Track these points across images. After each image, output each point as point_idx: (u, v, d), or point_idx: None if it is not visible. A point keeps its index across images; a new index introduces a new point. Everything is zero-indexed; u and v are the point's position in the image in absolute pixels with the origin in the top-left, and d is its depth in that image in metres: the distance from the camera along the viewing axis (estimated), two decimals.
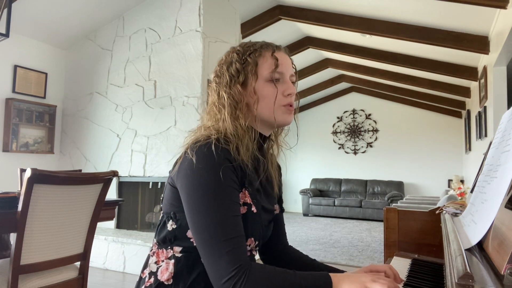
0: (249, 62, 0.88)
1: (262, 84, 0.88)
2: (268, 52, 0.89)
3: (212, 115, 0.91)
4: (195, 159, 0.77)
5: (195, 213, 0.76)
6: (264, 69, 0.88)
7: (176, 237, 0.83)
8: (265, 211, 0.92)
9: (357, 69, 6.25)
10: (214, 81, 0.93)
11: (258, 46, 0.90)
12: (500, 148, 0.79)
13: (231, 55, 0.91)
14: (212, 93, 0.93)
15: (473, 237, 0.70)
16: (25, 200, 1.44)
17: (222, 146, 0.79)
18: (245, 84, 0.88)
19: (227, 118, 0.86)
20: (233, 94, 0.87)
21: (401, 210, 1.75)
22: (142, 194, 4.18)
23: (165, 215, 0.86)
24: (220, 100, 0.89)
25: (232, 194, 0.78)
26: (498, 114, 3.50)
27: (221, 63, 0.93)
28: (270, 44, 0.92)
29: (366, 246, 4.68)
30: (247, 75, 0.88)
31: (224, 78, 0.89)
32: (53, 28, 4.12)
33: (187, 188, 0.78)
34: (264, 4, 4.49)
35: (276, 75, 0.88)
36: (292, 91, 0.89)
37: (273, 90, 0.88)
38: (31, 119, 4.16)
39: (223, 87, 0.89)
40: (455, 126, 7.22)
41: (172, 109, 3.71)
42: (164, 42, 3.84)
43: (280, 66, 0.88)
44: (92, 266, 3.39)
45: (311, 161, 8.56)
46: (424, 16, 3.75)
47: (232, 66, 0.89)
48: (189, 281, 0.81)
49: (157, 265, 0.85)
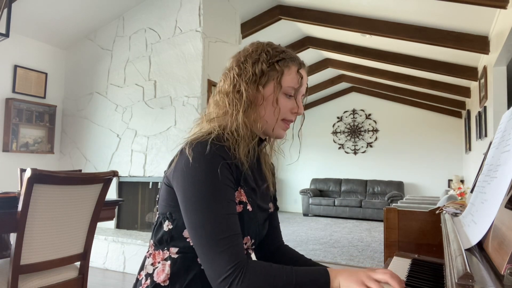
0: (276, 69, 0.87)
1: (280, 95, 0.88)
2: (294, 67, 0.90)
3: (221, 106, 0.89)
4: (191, 157, 0.77)
5: (191, 212, 0.76)
6: (286, 81, 0.88)
7: (173, 237, 0.83)
8: (260, 209, 0.92)
9: (357, 69, 6.25)
10: (233, 70, 0.90)
11: (288, 57, 0.90)
12: (500, 148, 0.79)
13: (260, 53, 0.89)
14: (227, 82, 0.90)
15: (473, 237, 0.70)
16: (25, 200, 1.44)
17: (220, 144, 0.79)
18: (264, 87, 0.88)
19: (240, 114, 0.85)
20: (251, 92, 0.87)
21: (401, 210, 1.75)
22: (142, 194, 4.18)
23: (161, 216, 0.85)
24: (236, 93, 0.87)
25: (228, 192, 0.78)
26: (498, 114, 3.50)
27: (246, 55, 0.90)
28: (297, 58, 0.92)
29: (366, 246, 4.68)
30: (269, 80, 0.87)
31: (246, 72, 0.88)
32: (53, 28, 4.12)
33: (183, 187, 0.78)
34: (264, 4, 4.49)
35: (292, 91, 0.89)
36: (300, 111, 0.92)
37: (285, 104, 0.89)
38: (31, 119, 4.16)
39: (243, 82, 0.87)
40: (455, 126, 7.22)
41: (172, 109, 3.71)
42: (164, 42, 3.84)
43: (302, 85, 0.90)
44: (92, 266, 3.39)
45: (311, 161, 8.55)
46: (424, 16, 3.75)
47: (258, 64, 0.88)
48: (186, 283, 0.80)
49: (153, 266, 0.85)
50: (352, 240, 5.06)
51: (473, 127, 5.19)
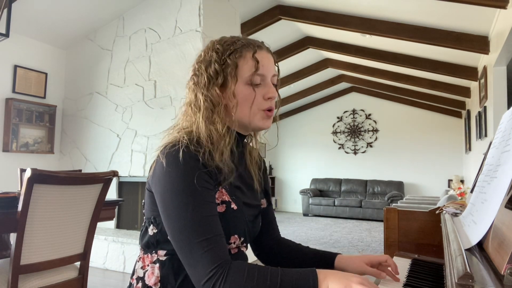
0: (229, 64, 0.83)
1: (242, 87, 0.84)
2: (249, 53, 0.84)
3: (188, 117, 0.87)
4: (165, 162, 0.77)
5: (169, 216, 0.76)
6: (244, 71, 0.84)
7: (158, 241, 0.83)
8: (248, 206, 0.91)
9: (357, 69, 6.25)
10: (192, 79, 0.88)
11: (239, 46, 0.85)
12: (500, 148, 0.79)
13: (210, 54, 0.86)
14: (190, 92, 0.88)
15: (473, 237, 0.70)
16: (25, 200, 1.44)
17: (191, 149, 0.78)
18: (224, 86, 0.85)
19: (201, 122, 0.83)
20: (210, 97, 0.84)
21: (401, 210, 1.75)
22: (142, 194, 4.18)
23: (147, 220, 0.86)
24: (197, 102, 0.85)
25: (204, 194, 0.77)
26: (498, 114, 3.50)
27: (200, 61, 0.88)
28: (251, 42, 0.87)
29: (366, 246, 4.68)
30: (226, 77, 0.84)
31: (202, 78, 0.85)
32: (53, 28, 4.12)
33: (160, 192, 0.77)
34: (264, 4, 4.49)
35: (257, 78, 0.84)
36: (273, 94, 0.86)
37: (252, 93, 0.84)
38: (31, 119, 4.16)
39: (200, 89, 0.85)
40: (455, 126, 7.22)
41: (172, 109, 3.71)
42: (164, 42, 3.84)
43: (261, 68, 0.84)
44: (92, 266, 3.39)
45: (311, 161, 8.56)
46: (424, 16, 3.75)
47: (210, 66, 0.85)
48: (176, 285, 0.81)
49: (143, 270, 0.85)
50: (352, 240, 5.06)
51: (473, 127, 5.19)
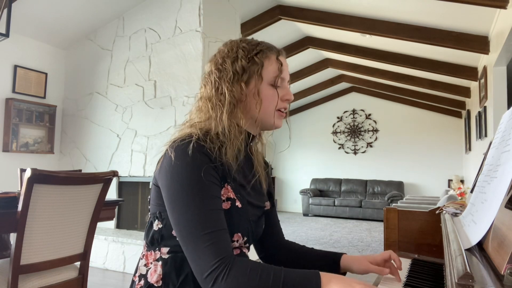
0: (256, 62, 0.87)
1: (266, 86, 0.87)
2: (273, 55, 0.89)
3: (204, 111, 0.88)
4: (173, 156, 0.78)
5: (174, 209, 0.76)
6: (268, 71, 0.88)
7: (163, 236, 0.83)
8: (252, 206, 0.91)
9: (357, 69, 6.25)
10: (213, 73, 0.89)
11: (265, 47, 0.89)
12: (500, 148, 0.79)
13: (237, 51, 0.88)
14: (209, 86, 0.88)
15: (473, 237, 0.70)
16: (25, 200, 1.44)
17: (201, 144, 0.79)
18: (247, 83, 0.87)
19: (224, 116, 0.84)
20: (234, 92, 0.86)
21: (401, 210, 1.75)
22: (142, 194, 4.18)
23: (152, 216, 0.86)
24: (220, 96, 0.86)
25: (211, 188, 0.78)
26: (498, 114, 3.50)
27: (223, 56, 0.89)
28: (274, 46, 0.92)
29: (366, 246, 4.68)
30: (251, 75, 0.86)
31: (227, 73, 0.86)
32: (53, 28, 4.12)
33: (167, 185, 0.78)
34: (264, 4, 4.49)
35: (279, 80, 0.88)
36: (291, 97, 0.91)
37: (274, 94, 0.88)
38: (31, 119, 4.16)
39: (225, 83, 0.86)
40: (455, 126, 7.22)
41: (172, 109, 3.71)
42: (164, 42, 3.84)
43: (283, 72, 0.89)
44: (92, 266, 3.39)
45: (311, 161, 8.55)
46: (424, 16, 3.75)
47: (237, 62, 0.87)
48: (178, 283, 0.81)
49: (146, 267, 0.85)
50: (352, 240, 5.06)
51: (473, 127, 5.19)
